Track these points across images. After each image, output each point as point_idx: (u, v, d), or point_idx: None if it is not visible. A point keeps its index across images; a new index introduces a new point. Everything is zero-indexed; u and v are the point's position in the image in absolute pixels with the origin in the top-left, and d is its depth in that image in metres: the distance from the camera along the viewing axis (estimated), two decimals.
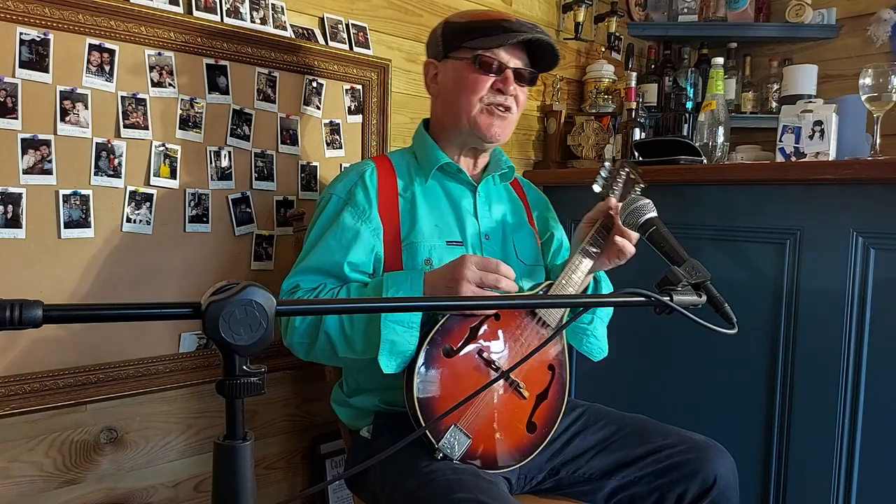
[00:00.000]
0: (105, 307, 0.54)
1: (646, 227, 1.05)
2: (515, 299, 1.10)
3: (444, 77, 1.30)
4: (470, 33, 1.24)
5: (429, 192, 1.31)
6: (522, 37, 1.22)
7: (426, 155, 1.33)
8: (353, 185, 1.27)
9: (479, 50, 1.23)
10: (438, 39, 1.31)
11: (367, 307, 0.95)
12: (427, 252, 1.24)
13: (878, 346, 1.46)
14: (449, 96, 1.29)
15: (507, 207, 1.40)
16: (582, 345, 1.37)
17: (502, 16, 1.26)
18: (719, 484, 1.19)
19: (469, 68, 1.25)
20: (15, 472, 1.26)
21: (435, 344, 1.11)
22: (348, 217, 1.23)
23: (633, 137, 2.16)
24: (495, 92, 1.25)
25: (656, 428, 1.30)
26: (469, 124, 1.27)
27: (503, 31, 1.22)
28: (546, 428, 1.20)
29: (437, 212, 1.29)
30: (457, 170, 1.33)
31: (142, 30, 1.33)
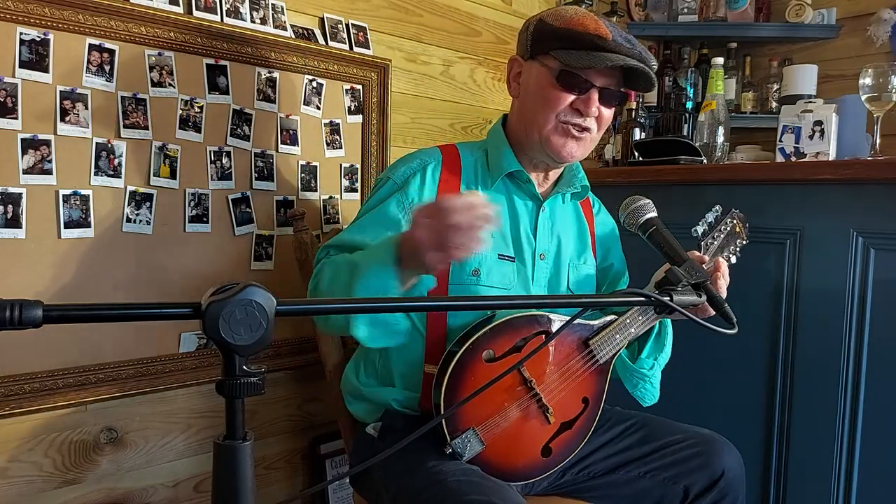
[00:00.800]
0: (105, 307, 0.54)
1: (646, 227, 1.05)
2: (518, 300, 1.09)
3: (527, 79, 1.21)
4: (561, 41, 1.13)
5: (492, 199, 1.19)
6: (613, 62, 1.11)
7: (497, 158, 1.24)
8: (413, 174, 1.20)
9: (566, 65, 1.13)
10: (528, 36, 1.20)
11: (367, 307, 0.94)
12: (476, 263, 1.17)
13: (878, 346, 1.46)
14: (527, 103, 1.21)
15: (571, 230, 1.32)
16: (636, 389, 1.30)
17: (600, 31, 1.11)
18: (727, 477, 1.19)
19: (551, 81, 1.15)
20: (14, 472, 1.26)
21: (478, 345, 1.08)
22: (394, 205, 1.17)
23: (633, 137, 2.16)
24: (574, 112, 1.16)
25: (662, 424, 1.30)
26: (541, 141, 1.18)
27: (596, 50, 1.11)
28: (560, 457, 1.17)
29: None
30: (526, 179, 1.24)
31: (142, 30, 1.33)
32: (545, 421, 1.14)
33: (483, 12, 2.07)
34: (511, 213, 1.25)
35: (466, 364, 1.08)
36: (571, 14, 1.15)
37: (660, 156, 1.88)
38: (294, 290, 1.56)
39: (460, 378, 1.08)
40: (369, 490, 1.22)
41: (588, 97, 1.15)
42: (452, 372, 1.07)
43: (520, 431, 1.12)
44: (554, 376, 1.14)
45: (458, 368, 1.07)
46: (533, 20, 1.22)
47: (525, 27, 1.23)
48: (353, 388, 1.28)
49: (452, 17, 1.99)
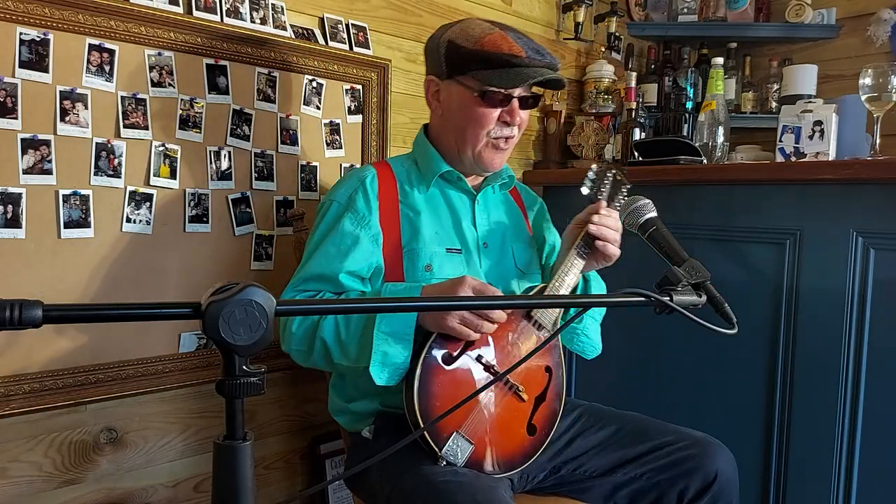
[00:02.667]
0: (105, 307, 0.55)
1: (646, 227, 1.05)
2: (516, 300, 1.10)
3: (448, 98, 1.28)
4: (477, 63, 1.20)
5: (429, 200, 1.31)
6: (534, 80, 1.20)
7: (427, 163, 1.33)
8: (354, 191, 1.26)
9: (488, 85, 1.20)
10: (441, 58, 1.26)
11: (366, 307, 0.95)
12: (428, 258, 1.24)
13: (878, 346, 1.46)
14: (454, 121, 1.28)
15: (505, 216, 1.41)
16: (573, 343, 1.37)
17: (512, 49, 1.18)
18: (720, 479, 1.19)
19: (475, 101, 1.22)
20: (14, 472, 1.26)
21: (432, 352, 1.11)
22: (348, 223, 1.23)
23: (633, 137, 2.16)
24: (502, 125, 1.25)
25: (656, 426, 1.30)
26: (473, 157, 1.28)
27: (514, 67, 1.18)
28: (546, 429, 1.20)
29: (437, 219, 1.29)
30: (457, 178, 1.33)
31: (142, 30, 1.33)
32: (520, 399, 1.17)
33: (483, 12, 2.07)
34: (450, 209, 1.33)
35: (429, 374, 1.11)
36: (479, 33, 1.21)
37: (660, 156, 1.88)
38: None
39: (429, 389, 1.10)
40: (366, 491, 1.23)
41: (511, 108, 1.24)
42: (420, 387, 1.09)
43: (501, 417, 1.15)
44: (512, 355, 1.18)
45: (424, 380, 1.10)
46: (442, 41, 1.26)
47: (434, 47, 1.29)
48: (340, 406, 1.32)
49: (452, 18, 1.97)
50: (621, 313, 1.50)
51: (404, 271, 1.23)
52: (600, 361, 1.39)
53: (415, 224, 1.26)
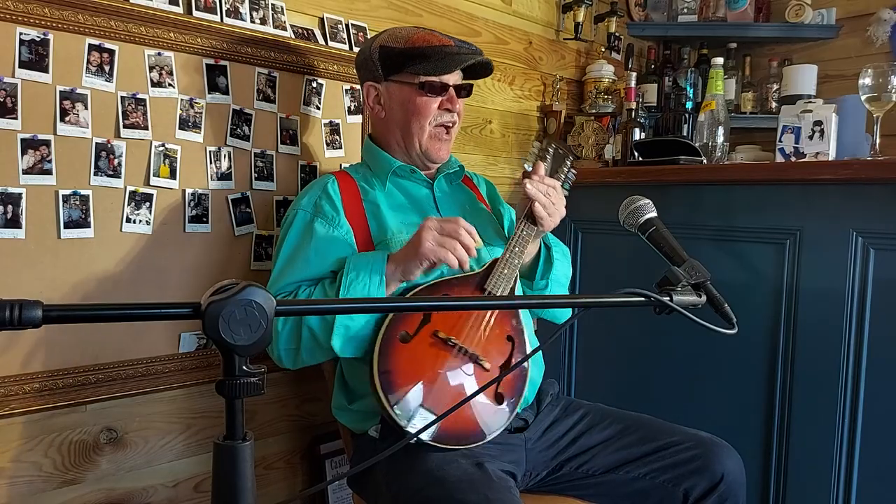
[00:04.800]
0: (105, 307, 0.55)
1: (646, 227, 1.05)
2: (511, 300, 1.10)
3: (388, 99, 1.35)
4: (413, 59, 1.29)
5: (389, 195, 1.36)
6: (468, 62, 1.30)
7: (379, 163, 1.39)
8: (318, 198, 1.31)
9: (424, 76, 1.29)
10: (375, 63, 1.34)
11: (367, 307, 0.94)
12: (399, 247, 1.25)
13: (877, 346, 1.46)
14: (397, 118, 1.35)
15: (464, 198, 1.48)
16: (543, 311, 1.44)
17: (443, 41, 1.30)
18: (727, 480, 1.19)
19: (416, 93, 1.31)
20: (14, 472, 1.26)
21: (390, 331, 1.13)
22: (320, 227, 1.27)
23: (632, 137, 2.16)
24: (443, 112, 1.33)
25: (661, 426, 1.30)
26: (421, 150, 1.35)
27: (446, 56, 1.28)
28: (515, 397, 1.21)
29: (400, 210, 1.34)
30: (411, 170, 1.38)
31: (142, 30, 1.33)
32: (483, 369, 1.18)
33: (482, 12, 2.07)
34: (410, 199, 1.38)
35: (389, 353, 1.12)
36: (407, 35, 1.32)
37: (659, 156, 1.88)
38: None
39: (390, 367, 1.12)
40: (369, 491, 1.23)
41: (449, 95, 1.33)
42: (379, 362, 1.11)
43: (465, 390, 1.15)
44: (469, 327, 1.19)
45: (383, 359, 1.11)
46: (373, 48, 1.34)
47: (366, 57, 1.36)
48: (343, 406, 1.33)
49: (452, 17, 1.99)
50: (622, 314, 1.50)
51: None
52: (600, 361, 1.39)
53: (380, 218, 1.31)
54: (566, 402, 1.39)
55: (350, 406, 1.30)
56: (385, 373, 1.11)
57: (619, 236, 1.43)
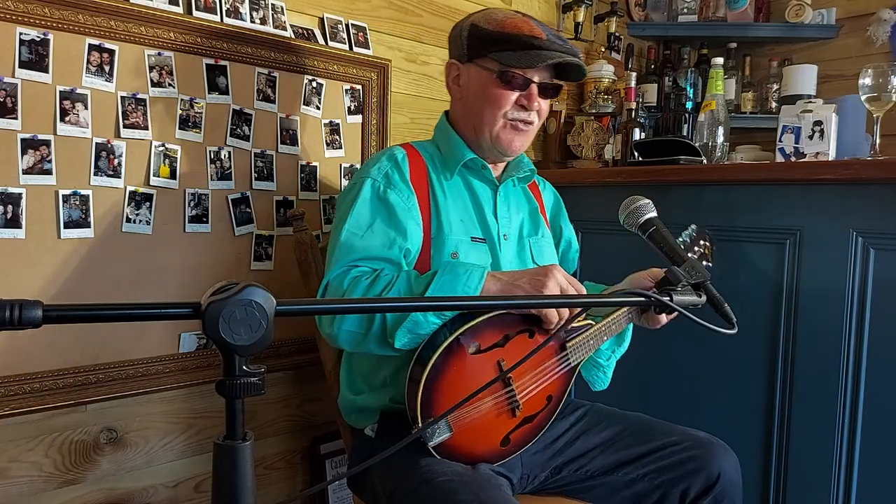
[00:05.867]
0: (105, 307, 0.54)
1: (646, 227, 1.05)
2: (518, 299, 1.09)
3: (467, 82, 1.28)
4: (498, 44, 1.21)
5: (453, 187, 1.29)
6: (552, 60, 1.19)
7: (451, 150, 1.31)
8: (389, 169, 1.23)
9: (506, 65, 1.20)
10: (463, 41, 1.26)
11: (369, 307, 0.94)
12: (454, 246, 1.22)
13: (878, 346, 1.46)
14: (472, 104, 1.28)
15: (525, 209, 1.40)
16: (589, 374, 1.37)
17: (533, 31, 1.20)
18: (723, 480, 1.19)
19: (493, 82, 1.22)
20: (15, 472, 1.26)
21: (466, 337, 1.09)
22: (396, 199, 1.19)
23: (632, 137, 2.16)
24: (519, 108, 1.24)
25: (659, 426, 1.30)
26: (491, 139, 1.26)
27: (533, 49, 1.19)
28: (517, 447, 1.19)
29: (461, 207, 1.28)
30: (482, 166, 1.31)
31: (142, 30, 1.33)
32: (511, 415, 1.16)
33: None
34: (473, 199, 1.31)
35: (452, 353, 1.09)
36: (502, 17, 1.23)
37: (659, 156, 1.88)
38: (294, 290, 1.56)
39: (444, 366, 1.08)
40: (367, 491, 1.23)
41: (529, 92, 1.23)
42: (437, 358, 1.07)
43: (486, 422, 1.14)
44: (529, 374, 1.17)
45: (444, 356, 1.08)
46: (465, 25, 1.27)
47: (458, 33, 1.29)
48: (349, 399, 1.30)
49: (452, 17, 1.98)
50: None
51: (431, 258, 1.21)
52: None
53: (441, 210, 1.24)
54: (564, 402, 1.39)
55: (354, 398, 1.27)
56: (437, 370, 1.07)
57: (620, 236, 1.43)
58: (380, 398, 1.22)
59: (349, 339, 1.12)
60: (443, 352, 1.07)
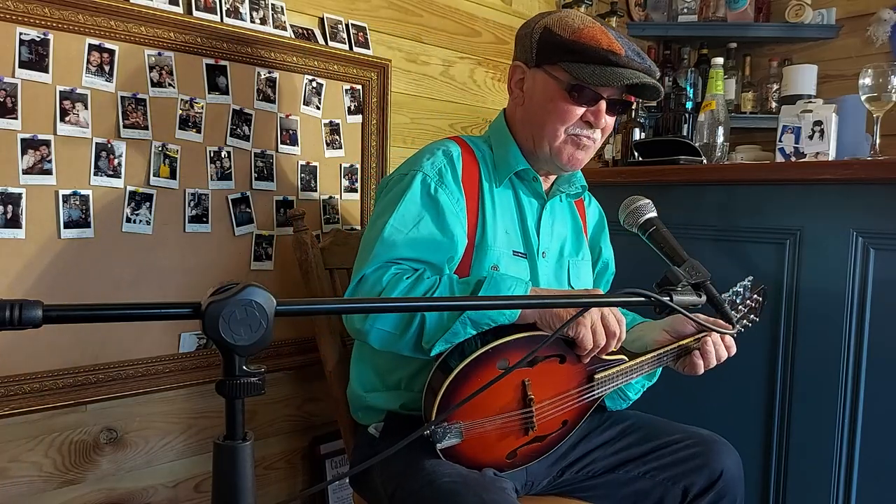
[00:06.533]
0: (105, 307, 0.54)
1: (646, 227, 1.05)
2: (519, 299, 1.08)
3: (532, 88, 1.20)
4: (572, 54, 1.12)
5: (502, 195, 1.24)
6: (629, 81, 1.12)
7: (504, 155, 1.24)
8: (443, 165, 1.17)
9: (579, 79, 1.12)
10: (533, 44, 1.18)
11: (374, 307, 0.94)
12: (495, 258, 1.18)
13: (878, 346, 1.46)
14: (534, 112, 1.20)
15: (569, 228, 1.35)
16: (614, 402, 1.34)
17: (612, 46, 1.11)
18: (725, 477, 1.19)
19: (561, 94, 1.15)
20: (14, 472, 1.26)
21: (497, 352, 1.07)
22: (446, 200, 1.14)
23: (633, 137, 2.16)
24: (584, 124, 1.17)
25: (662, 424, 1.30)
26: (551, 152, 1.20)
27: (608, 65, 1.11)
28: (521, 462, 1.18)
29: (508, 218, 1.23)
30: (533, 177, 1.25)
31: (142, 30, 1.33)
32: (524, 432, 1.14)
33: (483, 12, 2.07)
34: (519, 211, 1.26)
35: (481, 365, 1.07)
36: (579, 24, 1.14)
37: (660, 156, 1.88)
38: (294, 290, 1.56)
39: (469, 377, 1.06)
40: (369, 490, 1.22)
41: (597, 109, 1.16)
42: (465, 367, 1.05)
43: (497, 435, 1.12)
44: (551, 398, 1.14)
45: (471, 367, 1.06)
46: (537, 27, 1.19)
47: (528, 33, 1.21)
48: (358, 394, 1.27)
49: (452, 18, 1.99)
50: None
51: (471, 268, 1.17)
52: None
53: (488, 218, 1.19)
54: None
55: (364, 394, 1.25)
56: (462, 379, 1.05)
57: (620, 236, 1.43)
58: (390, 401, 1.21)
59: (381, 338, 1.08)
60: (471, 362, 1.05)
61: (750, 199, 1.65)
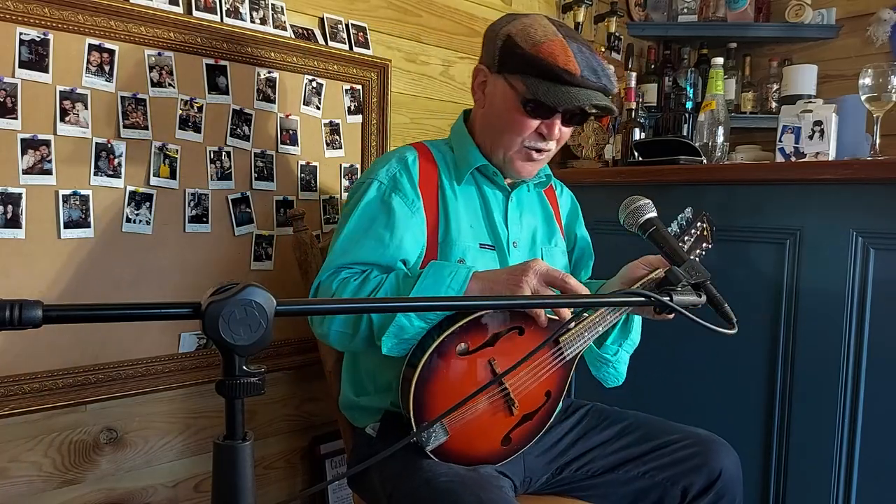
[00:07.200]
0: (105, 307, 0.54)
1: (646, 227, 1.05)
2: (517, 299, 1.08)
3: (493, 93, 1.23)
4: (531, 67, 1.14)
5: (464, 192, 1.27)
6: (580, 103, 1.14)
7: (464, 154, 1.27)
8: (397, 172, 1.21)
9: (534, 95, 1.14)
10: (496, 50, 1.20)
11: (373, 307, 0.94)
12: (461, 253, 1.20)
13: (878, 346, 1.46)
14: (493, 118, 1.23)
15: (539, 216, 1.37)
16: (600, 371, 1.33)
17: (568, 65, 1.11)
18: (724, 477, 1.19)
19: (517, 105, 1.17)
20: (14, 472, 1.26)
21: (453, 339, 1.08)
22: (399, 205, 1.17)
23: (633, 137, 2.16)
24: (538, 136, 1.20)
25: (661, 425, 1.30)
26: (505, 160, 1.24)
27: (563, 84, 1.12)
28: (519, 445, 1.18)
29: (471, 212, 1.26)
30: (493, 172, 1.27)
31: (142, 30, 1.33)
32: (509, 413, 1.15)
33: (483, 12, 2.07)
34: (484, 204, 1.28)
35: (441, 355, 1.08)
36: (540, 37, 1.14)
37: (659, 156, 1.88)
38: (294, 290, 1.56)
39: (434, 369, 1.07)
40: (367, 490, 1.23)
41: (552, 122, 1.19)
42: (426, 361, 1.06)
43: (483, 422, 1.13)
44: (522, 371, 1.15)
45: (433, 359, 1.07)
46: (501, 33, 1.20)
47: (492, 38, 1.22)
48: (350, 400, 1.29)
49: (452, 18, 1.99)
50: None
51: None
52: None
53: (450, 214, 1.22)
54: (565, 403, 1.39)
55: (357, 399, 1.27)
56: (427, 373, 1.06)
57: (620, 236, 1.43)
58: (382, 400, 1.22)
59: (339, 339, 1.14)
60: (430, 355, 1.06)
61: (750, 199, 1.65)
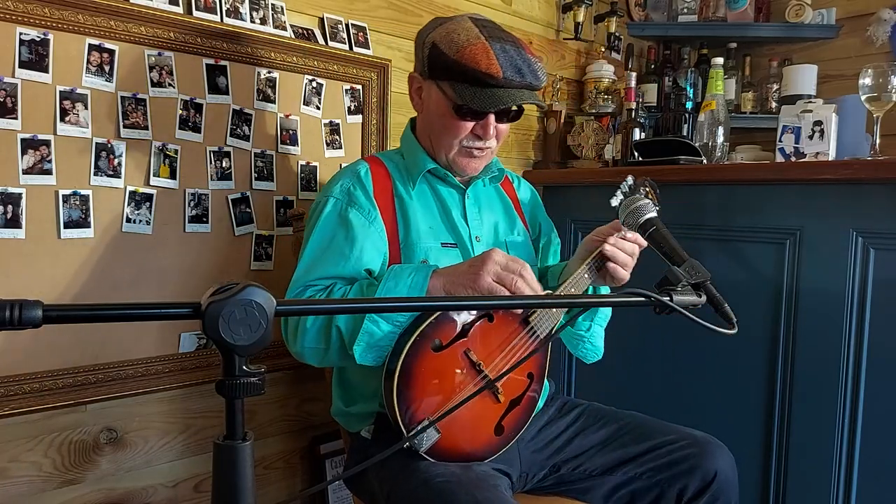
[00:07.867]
0: (105, 307, 0.54)
1: (646, 227, 1.05)
2: (514, 299, 1.09)
3: (428, 98, 1.26)
4: (458, 74, 1.16)
5: (419, 195, 1.29)
6: (505, 105, 1.17)
7: (414, 159, 1.31)
8: (350, 186, 1.24)
9: (462, 100, 1.17)
10: (424, 57, 1.23)
11: (371, 307, 0.94)
12: (423, 253, 1.22)
13: (878, 346, 1.46)
14: (431, 122, 1.27)
15: (498, 209, 1.39)
16: (577, 349, 1.35)
17: (490, 68, 1.13)
18: (719, 479, 1.19)
19: (449, 111, 1.21)
20: (14, 472, 1.26)
21: (425, 337, 1.09)
22: (356, 218, 1.20)
23: (632, 137, 2.16)
24: (475, 136, 1.23)
25: (656, 425, 1.30)
26: (449, 161, 1.27)
27: (489, 87, 1.15)
28: (513, 432, 1.18)
29: (429, 214, 1.28)
30: (444, 174, 1.30)
31: (142, 30, 1.33)
32: (495, 400, 1.15)
33: (483, 12, 2.07)
34: (440, 204, 1.31)
35: (416, 355, 1.08)
36: (463, 42, 1.16)
37: (659, 156, 1.88)
38: None
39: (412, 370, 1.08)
40: (366, 492, 1.23)
41: (485, 122, 1.21)
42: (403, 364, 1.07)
43: (472, 414, 1.13)
44: (501, 357, 1.16)
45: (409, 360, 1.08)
46: (427, 40, 1.22)
47: (420, 45, 1.26)
48: (341, 410, 1.30)
49: None
50: (621, 313, 1.49)
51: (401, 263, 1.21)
52: (600, 361, 1.39)
53: (408, 218, 1.25)
54: (562, 401, 1.39)
55: (347, 409, 1.28)
56: (406, 376, 1.07)
57: None
58: (372, 406, 1.23)
59: (313, 355, 1.14)
60: (405, 358, 1.07)
61: (750, 199, 1.65)
